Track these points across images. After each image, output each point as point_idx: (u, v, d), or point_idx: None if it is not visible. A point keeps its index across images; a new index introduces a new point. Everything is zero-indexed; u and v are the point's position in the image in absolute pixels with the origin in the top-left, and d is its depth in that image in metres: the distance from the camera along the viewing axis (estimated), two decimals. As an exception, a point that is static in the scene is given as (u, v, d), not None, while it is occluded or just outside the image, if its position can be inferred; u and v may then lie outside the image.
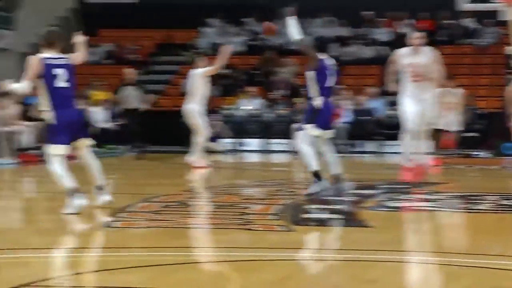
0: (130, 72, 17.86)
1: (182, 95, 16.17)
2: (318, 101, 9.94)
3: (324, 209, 9.14)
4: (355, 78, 24.13)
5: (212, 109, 21.48)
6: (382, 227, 7.85)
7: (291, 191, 10.57)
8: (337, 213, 8.89)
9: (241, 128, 21.76)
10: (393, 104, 21.43)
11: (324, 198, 9.68)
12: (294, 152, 20.47)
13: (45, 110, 8.63)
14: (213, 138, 20.84)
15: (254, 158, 20.24)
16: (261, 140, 21.67)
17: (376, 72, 24.01)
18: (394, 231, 7.82)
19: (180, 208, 9.57)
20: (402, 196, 10.61)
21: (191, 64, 21.88)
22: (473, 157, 19.37)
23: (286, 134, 20.60)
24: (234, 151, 21.32)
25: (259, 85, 23.67)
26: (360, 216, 8.60)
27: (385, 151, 20.54)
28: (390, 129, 20.31)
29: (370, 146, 21.06)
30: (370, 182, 12.44)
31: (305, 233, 7.62)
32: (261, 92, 23.21)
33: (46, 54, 8.81)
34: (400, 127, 12.51)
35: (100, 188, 8.78)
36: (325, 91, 10.04)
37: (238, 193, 11.31)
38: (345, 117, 20.41)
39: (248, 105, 22.21)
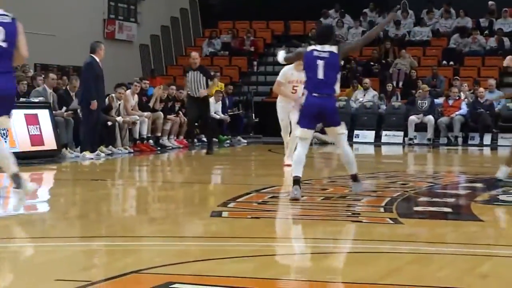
0: (194, 56, 16.23)
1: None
2: (301, 98, 8.89)
3: (435, 202, 8.86)
4: (474, 70, 23.55)
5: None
6: (495, 221, 7.70)
7: (403, 184, 10.33)
8: (448, 207, 8.64)
9: (355, 119, 21.43)
10: None
11: (436, 191, 9.50)
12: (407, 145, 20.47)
13: None
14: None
15: (367, 150, 20.00)
16: (375, 132, 21.49)
17: (496, 63, 23.38)
18: (507, 226, 7.63)
19: (288, 199, 9.54)
20: None
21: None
22: None
23: (400, 126, 20.40)
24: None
25: (375, 76, 23.48)
26: (472, 210, 8.37)
27: (503, 144, 19.55)
28: (508, 122, 19.86)
29: (487, 138, 20.30)
30: (484, 176, 12.02)
31: (414, 226, 7.47)
32: (377, 84, 23.00)
33: None
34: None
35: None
36: (309, 86, 8.64)
37: (348, 185, 11.21)
38: (461, 109, 19.93)
39: (363, 97, 21.91)
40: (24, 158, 13.45)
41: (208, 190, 11.01)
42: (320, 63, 8.44)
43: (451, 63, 23.86)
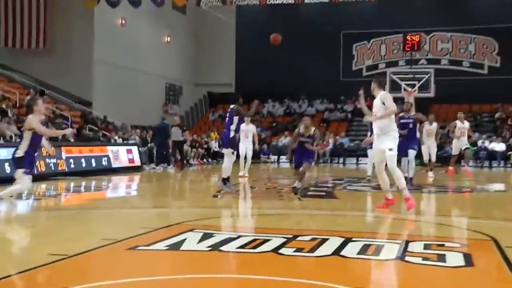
0: (176, 120, 15.15)
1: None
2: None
3: (317, 189, 8.62)
4: (334, 128, 22.40)
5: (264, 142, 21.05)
6: (344, 199, 7.48)
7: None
8: (323, 192, 8.37)
9: (280, 151, 20.56)
10: (352, 140, 20.11)
11: (318, 184, 9.25)
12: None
13: None
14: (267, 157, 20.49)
15: (286, 166, 19.65)
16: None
17: (344, 125, 22.43)
18: (351, 201, 7.44)
19: (245, 188, 9.16)
20: (354, 184, 9.92)
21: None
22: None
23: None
24: (276, 162, 20.46)
25: (291, 130, 22.84)
26: (334, 193, 8.15)
27: (347, 162, 19.38)
28: (351, 152, 19.51)
29: (341, 160, 19.71)
30: (339, 177, 11.82)
31: (307, 202, 7.21)
32: (290, 135, 22.34)
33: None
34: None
35: None
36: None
37: (277, 182, 11.00)
38: (329, 146, 19.34)
39: (285, 141, 21.07)
40: (125, 169, 13.08)
41: (212, 185, 10.68)
42: (228, 114, 7.77)
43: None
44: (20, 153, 5.91)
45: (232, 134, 7.69)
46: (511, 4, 20.13)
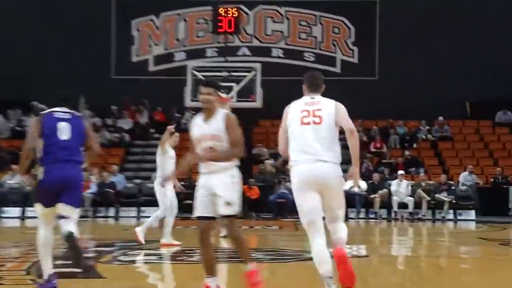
0: None
1: None
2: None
3: (67, 264, 5.43)
4: (101, 157, 15.85)
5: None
6: (114, 277, 5.31)
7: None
8: (79, 267, 5.40)
9: (4, 198, 14.19)
10: (130, 178, 15.39)
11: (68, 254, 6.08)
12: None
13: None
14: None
15: (14, 223, 13.25)
16: (21, 208, 13.90)
17: (118, 153, 17.06)
18: (124, 281, 5.23)
19: None
20: (134, 252, 7.25)
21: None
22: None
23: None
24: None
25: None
26: (97, 269, 5.68)
27: (122, 216, 14.20)
28: (128, 198, 14.59)
29: (111, 211, 14.43)
30: (108, 241, 8.63)
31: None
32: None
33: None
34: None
35: None
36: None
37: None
38: (91, 188, 14.07)
39: (12, 179, 14.49)
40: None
41: None
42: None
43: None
44: None
45: None
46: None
